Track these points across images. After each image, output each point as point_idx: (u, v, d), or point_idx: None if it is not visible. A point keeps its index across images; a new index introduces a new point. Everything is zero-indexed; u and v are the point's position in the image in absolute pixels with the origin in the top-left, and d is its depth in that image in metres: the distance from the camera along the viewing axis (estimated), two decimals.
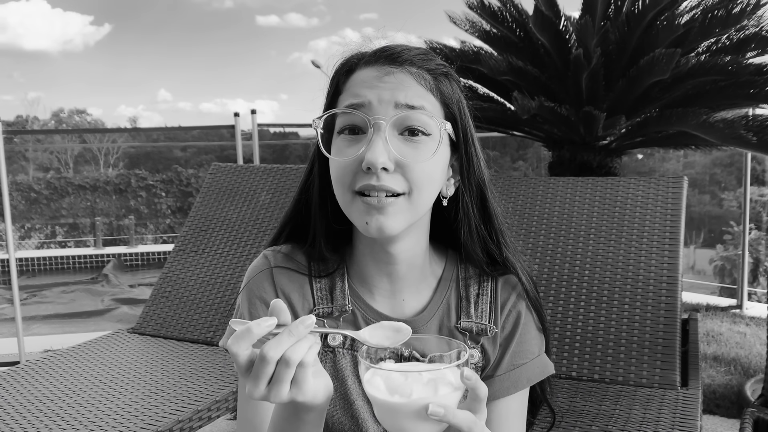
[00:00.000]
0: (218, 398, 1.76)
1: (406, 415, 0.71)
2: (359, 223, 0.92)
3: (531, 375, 1.01)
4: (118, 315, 5.53)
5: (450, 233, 1.03)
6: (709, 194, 8.36)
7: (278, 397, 0.72)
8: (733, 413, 3.03)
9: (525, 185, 2.35)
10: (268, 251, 1.05)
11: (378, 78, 0.92)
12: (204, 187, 2.75)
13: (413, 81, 0.92)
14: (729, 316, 4.67)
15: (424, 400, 0.70)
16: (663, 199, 2.16)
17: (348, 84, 0.95)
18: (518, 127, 4.15)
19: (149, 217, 9.90)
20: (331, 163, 0.95)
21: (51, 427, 1.58)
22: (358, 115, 0.90)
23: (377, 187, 0.89)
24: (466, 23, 4.02)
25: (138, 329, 2.40)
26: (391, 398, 0.71)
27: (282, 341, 0.71)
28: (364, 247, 1.00)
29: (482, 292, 1.03)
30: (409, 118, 0.90)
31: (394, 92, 0.90)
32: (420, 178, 0.91)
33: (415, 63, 0.94)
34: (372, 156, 0.87)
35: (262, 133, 7.18)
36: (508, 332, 1.02)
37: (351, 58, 0.97)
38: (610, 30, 3.41)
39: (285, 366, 0.70)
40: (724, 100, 3.44)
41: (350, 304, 1.00)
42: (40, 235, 9.87)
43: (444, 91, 0.96)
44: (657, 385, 1.79)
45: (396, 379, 0.72)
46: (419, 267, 1.02)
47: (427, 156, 0.91)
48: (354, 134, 0.92)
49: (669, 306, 1.92)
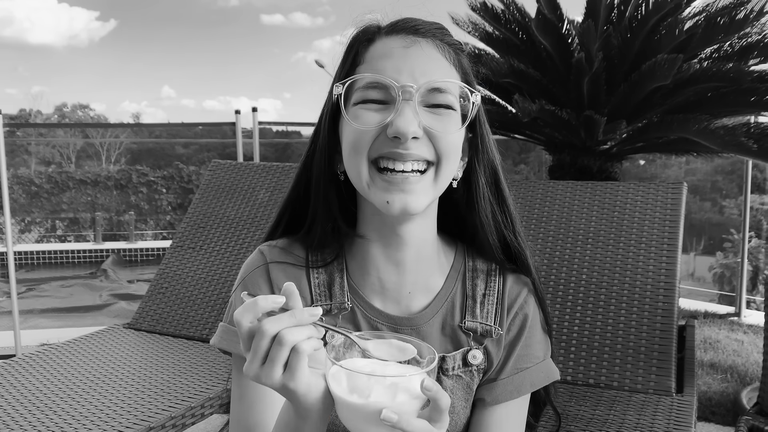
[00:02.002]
0: (212, 395, 1.75)
1: (363, 416, 0.70)
2: (379, 201, 0.87)
3: (535, 380, 0.97)
4: (115, 310, 5.53)
5: (457, 225, 1.00)
6: (710, 201, 8.35)
7: (269, 378, 0.71)
8: (729, 421, 3.03)
9: (524, 188, 2.35)
10: (263, 246, 1.00)
11: (404, 47, 0.89)
12: (203, 184, 2.75)
13: (438, 53, 0.90)
14: (727, 323, 4.66)
15: (381, 404, 0.69)
16: (662, 205, 2.15)
17: (369, 54, 0.91)
18: (519, 130, 4.15)
19: (149, 213, 9.90)
20: (347, 131, 0.89)
21: (43, 420, 1.57)
22: (385, 82, 0.85)
23: (405, 156, 0.85)
24: (468, 25, 4.02)
25: (134, 325, 2.39)
26: (349, 397, 0.70)
27: (281, 319, 0.70)
28: (371, 232, 0.95)
29: (489, 292, 0.99)
30: (437, 91, 0.87)
31: (422, 65, 0.87)
32: (448, 148, 0.88)
33: (436, 35, 0.92)
34: (404, 124, 0.83)
35: (264, 132, 7.18)
36: (513, 335, 0.98)
37: (370, 27, 0.93)
38: (613, 35, 3.41)
39: (278, 345, 0.69)
40: (726, 107, 3.43)
41: (349, 301, 0.96)
42: (41, 228, 9.87)
43: (464, 65, 0.94)
44: (652, 391, 1.78)
45: (359, 378, 0.71)
46: (428, 257, 0.97)
47: (456, 128, 0.89)
48: (374, 104, 0.87)
49: (666, 312, 1.92)
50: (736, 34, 3.33)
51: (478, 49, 3.97)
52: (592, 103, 3.52)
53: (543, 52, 3.73)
